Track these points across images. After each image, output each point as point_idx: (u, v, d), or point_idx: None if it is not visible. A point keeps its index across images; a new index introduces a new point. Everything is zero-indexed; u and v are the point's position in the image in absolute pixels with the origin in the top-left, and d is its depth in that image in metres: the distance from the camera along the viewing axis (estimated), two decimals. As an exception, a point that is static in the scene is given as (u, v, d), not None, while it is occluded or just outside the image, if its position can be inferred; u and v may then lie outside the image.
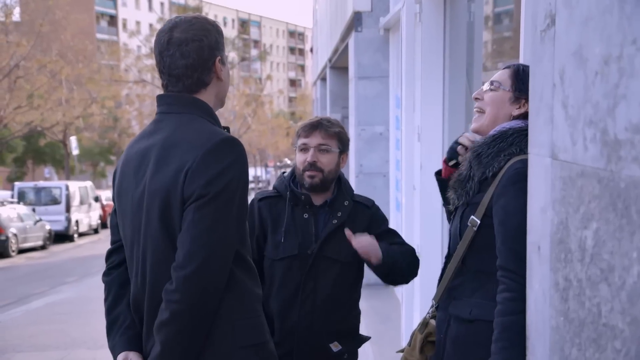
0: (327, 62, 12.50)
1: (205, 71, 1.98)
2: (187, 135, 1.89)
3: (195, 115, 1.95)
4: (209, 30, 2.00)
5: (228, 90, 2.13)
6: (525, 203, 1.73)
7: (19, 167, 41.08)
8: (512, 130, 1.96)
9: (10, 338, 8.17)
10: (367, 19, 7.87)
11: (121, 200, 2.04)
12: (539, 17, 1.47)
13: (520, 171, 1.81)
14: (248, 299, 1.92)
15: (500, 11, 4.41)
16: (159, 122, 2.01)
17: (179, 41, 1.97)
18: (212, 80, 2.00)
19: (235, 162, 1.84)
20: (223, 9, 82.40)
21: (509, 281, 1.76)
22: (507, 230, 1.80)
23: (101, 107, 32.87)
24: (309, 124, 2.72)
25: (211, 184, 1.79)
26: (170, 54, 1.97)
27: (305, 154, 2.68)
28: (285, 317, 2.65)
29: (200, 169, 1.80)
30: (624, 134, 1.06)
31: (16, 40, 24.45)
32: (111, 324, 2.07)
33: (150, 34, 28.58)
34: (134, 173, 1.97)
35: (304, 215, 2.71)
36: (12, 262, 17.82)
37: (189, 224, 1.79)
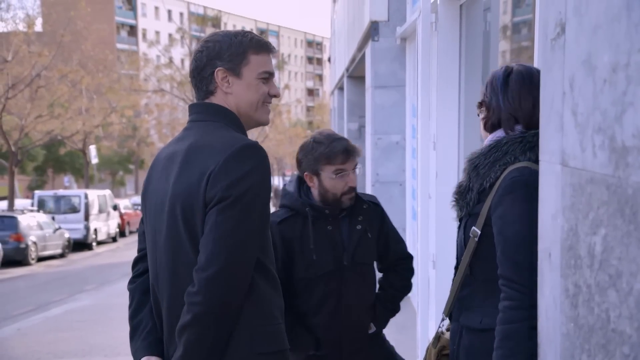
0: (345, 71, 12.53)
1: (205, 80, 1.99)
2: (211, 141, 1.89)
3: (221, 124, 1.95)
4: (217, 41, 1.99)
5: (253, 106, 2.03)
6: (523, 211, 1.78)
7: (39, 175, 41.49)
8: (506, 139, 1.98)
9: (30, 345, 8.24)
10: (383, 29, 7.88)
11: (146, 204, 2.05)
12: (549, 25, 1.48)
13: (516, 180, 1.84)
14: (268, 306, 1.92)
15: (518, 21, 4.41)
16: (188, 130, 2.03)
17: (195, 51, 2.04)
18: (217, 91, 1.99)
19: (257, 168, 1.85)
20: (242, 19, 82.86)
21: (509, 290, 1.79)
22: (506, 239, 1.83)
23: (120, 116, 33.13)
24: (344, 151, 2.71)
25: (233, 187, 1.80)
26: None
27: (343, 179, 2.69)
28: (329, 329, 2.71)
29: (222, 173, 1.81)
30: (631, 140, 1.07)
31: (38, 50, 24.72)
32: (134, 329, 2.07)
33: (169, 44, 28.79)
34: (159, 177, 1.99)
35: (327, 228, 2.72)
36: (31, 269, 17.98)
37: (211, 226, 1.80)
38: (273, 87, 2.04)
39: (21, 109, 24.44)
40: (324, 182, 2.71)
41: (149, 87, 36.44)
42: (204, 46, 2.01)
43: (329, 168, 2.70)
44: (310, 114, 79.05)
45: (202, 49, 2.00)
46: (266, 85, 2.01)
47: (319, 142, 2.75)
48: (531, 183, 1.80)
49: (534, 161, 1.86)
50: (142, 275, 2.12)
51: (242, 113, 2.01)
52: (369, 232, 2.75)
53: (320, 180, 2.72)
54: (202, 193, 1.82)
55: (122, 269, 17.64)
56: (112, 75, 34.11)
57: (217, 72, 1.97)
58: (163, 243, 1.94)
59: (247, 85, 1.99)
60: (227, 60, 1.97)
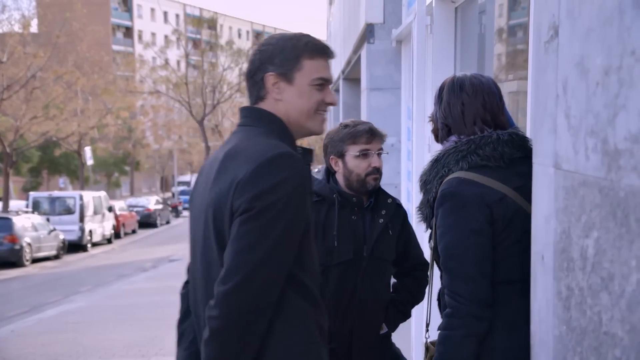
0: (340, 73, 12.54)
1: (256, 85, 1.90)
2: (246, 148, 1.80)
3: (263, 130, 1.86)
4: (271, 44, 1.91)
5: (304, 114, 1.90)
6: (452, 222, 1.85)
7: (34, 177, 41.39)
8: (443, 152, 2.03)
9: (24, 346, 8.22)
10: (379, 31, 7.89)
11: (191, 209, 1.99)
12: (543, 28, 1.49)
13: (444, 192, 1.90)
14: (303, 325, 1.80)
15: (514, 23, 4.42)
16: (234, 134, 1.95)
17: (251, 53, 1.97)
18: (268, 97, 1.89)
19: (288, 179, 1.72)
20: (238, 21, 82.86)
21: (448, 298, 1.86)
22: (442, 250, 1.89)
23: (116, 118, 33.10)
24: (368, 131, 2.77)
25: (258, 198, 1.70)
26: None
27: (366, 159, 2.73)
28: (342, 321, 2.72)
29: (250, 182, 1.72)
30: (623, 143, 1.07)
31: (33, 51, 24.71)
32: (179, 337, 2.06)
33: (165, 46, 28.77)
34: (203, 181, 1.92)
35: (352, 217, 2.75)
36: (26, 271, 17.93)
37: (233, 238, 1.72)
38: (329, 94, 1.92)
39: (16, 110, 24.41)
40: (348, 164, 2.75)
41: (145, 89, 36.43)
42: (258, 49, 1.92)
43: (354, 148, 2.73)
44: (306, 116, 79.05)
45: (257, 52, 1.92)
46: (321, 93, 1.89)
47: (344, 125, 2.81)
48: (460, 193, 1.86)
49: (466, 169, 1.90)
50: None
51: (293, 121, 1.90)
52: (390, 229, 2.78)
53: (344, 162, 2.75)
54: (230, 201, 1.74)
55: (117, 270, 17.60)
56: (107, 77, 34.09)
57: (267, 77, 1.88)
58: (199, 251, 1.88)
59: (299, 92, 1.88)
60: (278, 65, 1.87)
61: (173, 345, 7.15)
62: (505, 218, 1.78)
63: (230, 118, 34.50)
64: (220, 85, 26.39)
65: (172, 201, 43.40)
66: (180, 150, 50.09)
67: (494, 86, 2.06)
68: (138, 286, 14.42)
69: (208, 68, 26.87)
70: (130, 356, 7.39)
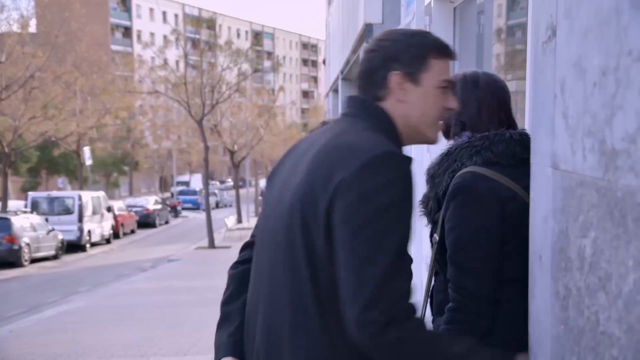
0: (339, 73, 12.55)
1: (375, 85, 1.72)
2: (350, 142, 1.62)
3: (371, 125, 1.68)
4: (395, 40, 1.74)
5: (427, 119, 1.73)
6: (464, 216, 1.83)
7: (33, 177, 41.41)
8: (455, 146, 2.02)
9: (22, 347, 8.22)
10: (378, 31, 7.89)
11: (269, 189, 1.82)
12: (540, 28, 1.49)
13: (458, 186, 1.87)
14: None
15: (512, 24, 4.43)
16: (336, 122, 1.79)
17: (366, 50, 1.80)
18: (389, 97, 1.71)
19: (399, 180, 1.54)
20: (237, 21, 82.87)
21: (452, 292, 1.86)
22: (449, 244, 1.88)
23: (115, 118, 33.11)
24: None
25: (367, 200, 1.51)
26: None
27: None
28: None
29: (355, 183, 1.52)
30: (620, 144, 1.07)
31: (32, 51, 24.69)
32: (223, 319, 1.90)
33: (164, 46, 28.74)
34: (292, 165, 1.74)
35: None
36: (24, 271, 17.93)
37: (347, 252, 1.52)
38: (451, 99, 1.74)
39: (15, 110, 24.39)
40: None
41: (144, 89, 36.38)
42: (378, 45, 1.75)
43: None
44: (305, 115, 79.11)
45: (377, 48, 1.74)
46: (444, 97, 1.73)
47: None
48: (473, 187, 1.85)
49: (480, 165, 1.89)
50: (246, 263, 1.94)
51: (412, 125, 1.72)
52: None
53: None
54: (328, 198, 1.55)
55: (116, 270, 17.60)
56: (106, 77, 34.11)
57: (392, 76, 1.70)
58: (272, 240, 1.71)
59: (425, 94, 1.71)
60: (406, 63, 1.70)
61: (172, 345, 7.16)
62: (515, 215, 1.78)
63: (229, 118, 34.50)
64: (219, 85, 26.36)
65: (171, 201, 43.42)
66: (179, 150, 50.08)
67: (505, 85, 2.06)
68: (137, 286, 14.42)
69: (207, 68, 26.84)
70: (129, 356, 7.39)
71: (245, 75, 29.07)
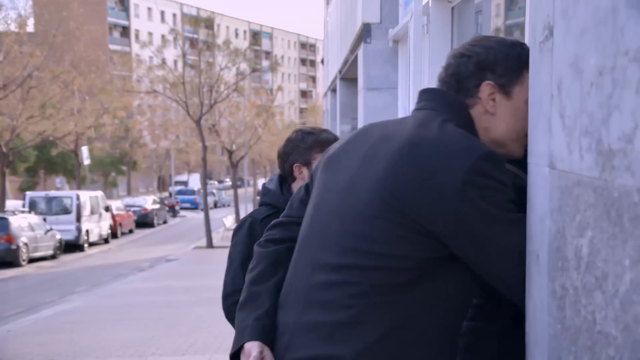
0: (338, 73, 12.56)
1: (464, 91, 1.65)
2: (441, 139, 1.55)
3: (451, 119, 1.61)
4: (491, 48, 1.67)
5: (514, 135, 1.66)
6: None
7: (30, 176, 41.39)
8: None
9: (20, 347, 8.21)
10: (376, 31, 7.90)
11: (325, 179, 1.73)
12: (537, 28, 1.49)
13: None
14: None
15: (510, 23, 4.43)
16: (410, 116, 1.71)
17: (457, 53, 1.73)
18: (476, 107, 1.64)
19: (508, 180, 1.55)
20: (235, 21, 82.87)
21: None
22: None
23: (113, 118, 33.13)
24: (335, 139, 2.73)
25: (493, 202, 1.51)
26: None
27: None
28: None
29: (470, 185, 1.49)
30: (617, 143, 1.07)
31: (30, 50, 24.70)
32: (248, 299, 1.75)
33: (162, 45, 28.73)
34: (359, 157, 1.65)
35: None
36: (22, 271, 17.92)
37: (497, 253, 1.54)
38: None
39: (13, 110, 24.39)
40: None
41: (142, 88, 36.39)
42: (471, 50, 1.67)
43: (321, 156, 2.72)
44: (303, 115, 79.13)
45: (469, 53, 1.66)
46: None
47: (308, 132, 2.77)
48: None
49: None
50: (277, 243, 1.83)
51: (494, 139, 1.65)
52: None
53: (310, 170, 2.70)
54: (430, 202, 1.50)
55: (114, 270, 17.60)
56: (104, 76, 34.13)
57: (485, 85, 1.63)
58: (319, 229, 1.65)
59: (515, 109, 1.64)
60: (500, 74, 1.63)
61: (169, 345, 7.17)
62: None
63: (228, 117, 34.50)
64: (218, 84, 26.36)
65: (169, 201, 43.42)
66: (177, 150, 50.09)
67: None
68: (135, 286, 14.42)
69: (205, 68, 26.84)
70: (127, 356, 7.39)
71: (244, 75, 29.09)
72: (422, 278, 1.56)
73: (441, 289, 1.58)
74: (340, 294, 1.56)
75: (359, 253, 1.56)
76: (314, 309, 1.60)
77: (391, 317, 1.55)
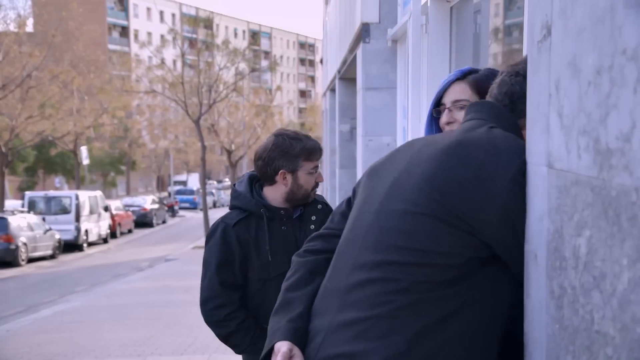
0: (336, 73, 12.55)
1: (516, 112, 1.70)
2: (487, 138, 1.59)
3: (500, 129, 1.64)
4: None
5: None
6: None
7: (30, 176, 41.37)
8: None
9: (19, 346, 8.21)
10: (374, 31, 7.90)
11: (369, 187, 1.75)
12: (536, 27, 1.49)
13: None
14: None
15: (509, 23, 4.43)
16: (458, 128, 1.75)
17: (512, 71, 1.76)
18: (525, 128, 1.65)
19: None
20: (234, 20, 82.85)
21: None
22: None
23: (112, 117, 33.13)
24: (320, 148, 2.82)
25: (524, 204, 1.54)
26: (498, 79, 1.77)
27: (314, 175, 2.77)
28: None
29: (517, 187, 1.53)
30: (615, 142, 1.07)
31: (29, 50, 24.69)
32: (284, 304, 1.77)
33: (161, 45, 28.71)
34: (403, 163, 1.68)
35: (281, 228, 2.77)
36: (21, 271, 17.91)
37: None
38: None
39: (12, 110, 24.40)
40: (300, 179, 2.75)
41: (141, 88, 36.38)
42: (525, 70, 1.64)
43: (308, 165, 2.76)
44: (302, 115, 79.11)
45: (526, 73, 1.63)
46: None
47: (294, 138, 2.78)
48: None
49: None
50: (316, 254, 1.86)
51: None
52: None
53: (296, 178, 2.75)
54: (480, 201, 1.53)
55: (113, 270, 17.59)
56: (103, 76, 34.12)
57: None
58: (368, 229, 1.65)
59: None
60: None
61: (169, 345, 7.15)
62: None
63: (227, 117, 34.49)
64: (217, 84, 26.35)
65: (168, 201, 43.40)
66: (176, 150, 50.08)
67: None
68: (134, 286, 14.42)
69: (204, 67, 26.83)
70: (126, 356, 7.39)
71: (243, 75, 29.08)
72: (463, 277, 1.56)
73: (480, 290, 1.59)
74: (379, 290, 1.56)
75: (400, 249, 1.57)
76: (350, 308, 1.59)
77: (430, 314, 1.54)
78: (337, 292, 1.65)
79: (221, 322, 2.77)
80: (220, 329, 2.78)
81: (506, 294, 1.64)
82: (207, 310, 2.81)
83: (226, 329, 2.76)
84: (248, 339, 2.75)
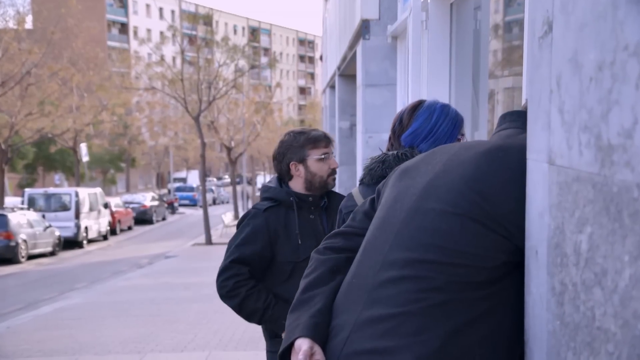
0: (336, 69, 12.54)
1: None
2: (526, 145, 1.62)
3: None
4: None
5: None
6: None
7: (29, 173, 41.36)
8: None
9: (19, 343, 8.21)
10: (374, 27, 7.89)
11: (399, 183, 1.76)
12: (537, 23, 1.49)
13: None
14: None
15: (509, 19, 4.43)
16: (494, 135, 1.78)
17: None
18: None
19: None
20: (234, 17, 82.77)
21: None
22: None
23: (111, 114, 33.08)
24: (325, 136, 2.98)
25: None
26: None
27: (327, 161, 2.94)
28: None
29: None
30: (616, 139, 1.07)
31: (28, 47, 24.65)
32: (303, 301, 1.74)
33: (160, 42, 28.68)
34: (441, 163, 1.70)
35: (310, 217, 2.95)
36: (21, 267, 17.92)
37: None
38: None
39: (11, 107, 24.37)
40: (310, 167, 2.93)
41: (140, 85, 36.34)
42: None
43: (315, 152, 2.91)
44: (302, 112, 79.00)
45: None
46: None
47: (298, 132, 2.98)
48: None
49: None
50: (337, 252, 1.85)
51: None
52: None
53: (306, 166, 2.92)
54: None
55: (113, 267, 17.60)
56: (103, 73, 34.07)
57: None
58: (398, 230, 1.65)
59: None
60: None
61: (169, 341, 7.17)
62: None
63: (226, 114, 34.45)
64: (216, 81, 26.32)
65: (168, 198, 43.41)
66: (176, 147, 50.04)
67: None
68: (134, 282, 14.42)
69: (204, 64, 26.80)
70: (126, 352, 7.39)
71: (242, 72, 29.03)
72: (495, 280, 1.56)
73: (509, 293, 1.59)
74: (411, 287, 1.56)
75: (436, 248, 1.57)
76: (379, 305, 1.58)
77: (461, 314, 1.54)
78: (364, 289, 1.64)
79: (231, 292, 2.88)
80: (232, 299, 2.89)
81: None
82: (218, 284, 2.93)
83: (237, 298, 2.87)
84: (260, 303, 2.86)
